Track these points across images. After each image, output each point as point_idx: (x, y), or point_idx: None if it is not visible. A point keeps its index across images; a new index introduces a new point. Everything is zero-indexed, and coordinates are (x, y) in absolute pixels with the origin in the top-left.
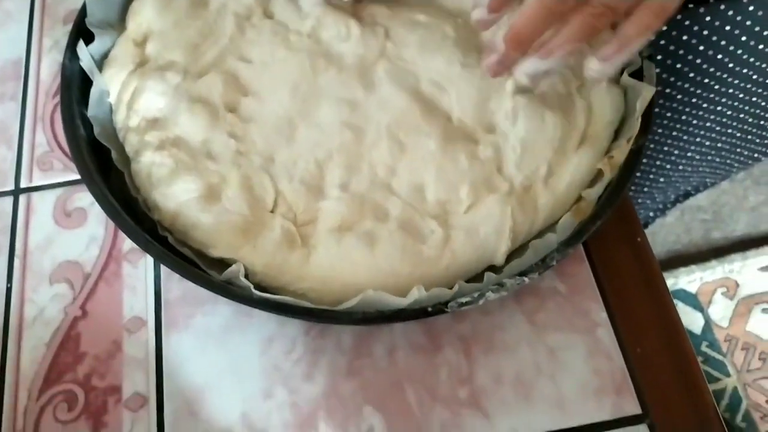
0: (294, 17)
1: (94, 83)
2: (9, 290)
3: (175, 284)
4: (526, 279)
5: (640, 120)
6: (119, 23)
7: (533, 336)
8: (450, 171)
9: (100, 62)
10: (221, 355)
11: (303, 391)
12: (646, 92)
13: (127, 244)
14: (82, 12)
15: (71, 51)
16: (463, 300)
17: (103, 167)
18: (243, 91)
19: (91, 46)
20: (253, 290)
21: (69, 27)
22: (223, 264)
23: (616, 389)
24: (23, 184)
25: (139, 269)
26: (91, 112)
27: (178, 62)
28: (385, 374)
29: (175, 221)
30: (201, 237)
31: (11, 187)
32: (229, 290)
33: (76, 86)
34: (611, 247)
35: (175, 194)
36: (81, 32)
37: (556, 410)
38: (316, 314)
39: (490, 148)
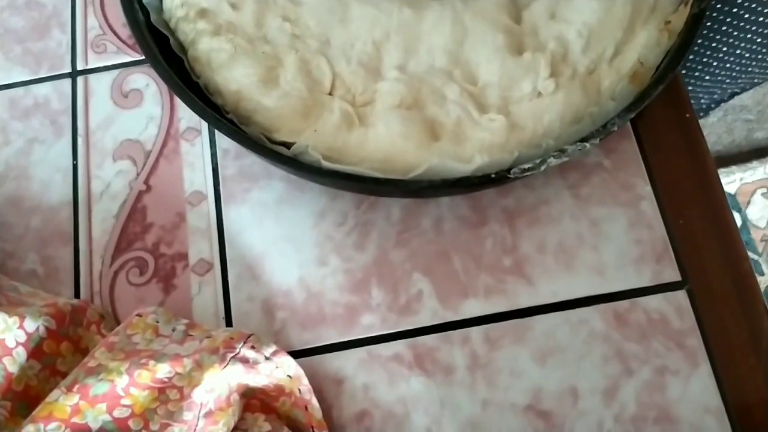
0: None
1: None
2: (75, 167)
3: (231, 161)
4: (587, 144)
5: None
6: None
7: (576, 209)
8: (513, 68)
9: None
10: (277, 226)
11: (355, 259)
12: None
13: (183, 123)
14: None
15: None
16: (526, 166)
17: (166, 50)
18: None
19: None
20: (323, 162)
21: None
22: (286, 146)
23: (656, 258)
24: (80, 67)
25: (196, 147)
26: None
27: None
28: (433, 245)
29: (238, 105)
30: (263, 121)
31: (68, 69)
32: (299, 163)
33: None
34: (659, 123)
35: (236, 78)
36: None
37: (597, 277)
38: (383, 183)
39: (553, 41)
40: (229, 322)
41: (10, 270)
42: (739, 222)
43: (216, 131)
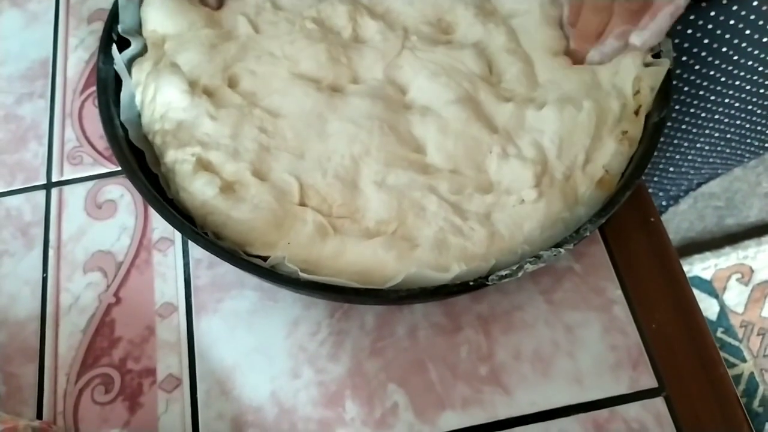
0: (304, 4)
1: (123, 87)
2: (45, 280)
3: (203, 271)
4: (562, 250)
5: (653, 93)
6: None
7: (550, 315)
8: (507, 172)
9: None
10: (249, 337)
11: (329, 370)
12: (661, 66)
13: (156, 233)
14: (112, 15)
15: (105, 54)
16: (504, 273)
17: (144, 166)
18: (267, 88)
19: (127, 51)
20: (300, 273)
21: (93, 26)
22: (262, 259)
23: (632, 364)
24: (55, 178)
25: (168, 257)
26: (124, 116)
27: (195, 60)
28: (408, 353)
29: (206, 219)
30: (234, 235)
31: (43, 181)
32: (278, 275)
33: (111, 89)
34: (625, 227)
35: (198, 189)
36: (111, 36)
37: (575, 385)
38: (362, 294)
39: (532, 148)
40: None
41: None
42: (716, 309)
43: (190, 241)
